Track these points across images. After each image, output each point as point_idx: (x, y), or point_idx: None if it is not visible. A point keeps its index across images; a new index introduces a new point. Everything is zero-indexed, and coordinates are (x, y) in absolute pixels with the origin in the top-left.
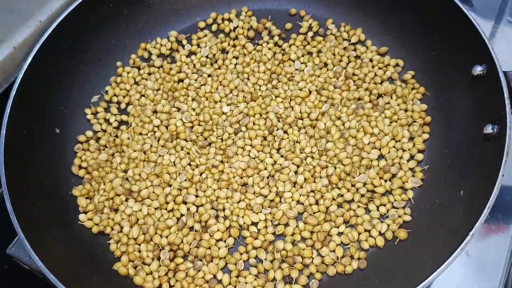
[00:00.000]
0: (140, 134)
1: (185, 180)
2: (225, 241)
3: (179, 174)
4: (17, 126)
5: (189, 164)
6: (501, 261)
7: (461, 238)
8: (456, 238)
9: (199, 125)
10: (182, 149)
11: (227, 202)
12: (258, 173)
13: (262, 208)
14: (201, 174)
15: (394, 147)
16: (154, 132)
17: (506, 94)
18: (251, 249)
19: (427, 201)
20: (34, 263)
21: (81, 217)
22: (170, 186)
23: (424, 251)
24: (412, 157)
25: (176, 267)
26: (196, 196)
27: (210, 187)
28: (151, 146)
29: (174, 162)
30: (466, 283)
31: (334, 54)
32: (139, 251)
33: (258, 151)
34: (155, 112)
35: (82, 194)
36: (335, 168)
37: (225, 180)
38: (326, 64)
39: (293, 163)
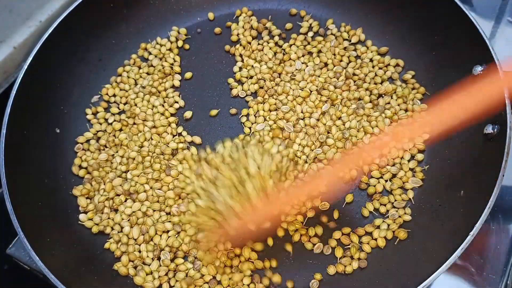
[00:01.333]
0: (138, 133)
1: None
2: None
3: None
4: (17, 126)
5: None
6: (501, 262)
7: (461, 238)
8: (456, 238)
9: None
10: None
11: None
12: None
13: None
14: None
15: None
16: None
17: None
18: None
19: (427, 201)
20: (34, 263)
21: (81, 217)
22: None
23: (424, 251)
24: (412, 157)
25: (176, 268)
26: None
27: None
28: (148, 151)
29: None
30: (466, 284)
31: (334, 54)
32: (139, 251)
33: None
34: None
35: (82, 194)
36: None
37: None
38: (326, 64)
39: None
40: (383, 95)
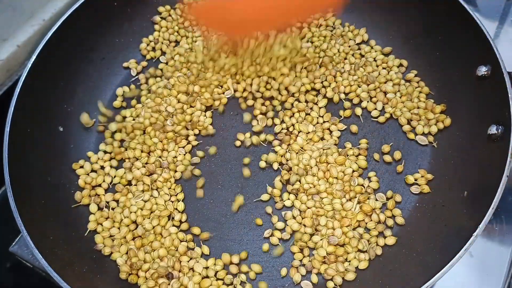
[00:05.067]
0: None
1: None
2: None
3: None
4: (20, 124)
5: None
6: (504, 262)
7: (465, 239)
8: (460, 239)
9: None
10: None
11: None
12: None
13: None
14: None
15: None
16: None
17: (510, 95)
18: None
19: (430, 201)
20: (37, 261)
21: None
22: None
23: (427, 252)
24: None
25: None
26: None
27: None
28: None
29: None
30: (469, 284)
31: (339, 51)
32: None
33: None
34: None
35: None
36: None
37: None
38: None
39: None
40: (386, 94)
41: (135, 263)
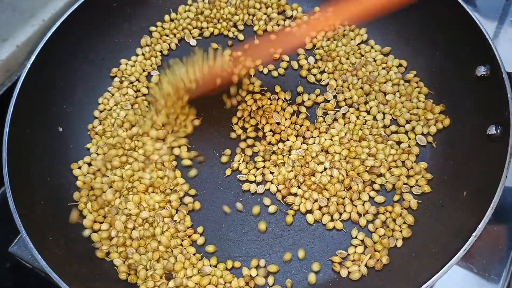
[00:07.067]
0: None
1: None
2: None
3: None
4: (20, 125)
5: None
6: (503, 263)
7: (464, 239)
8: (459, 239)
9: None
10: None
11: None
12: None
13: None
14: None
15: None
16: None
17: (509, 95)
18: None
19: (430, 201)
20: (36, 262)
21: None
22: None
23: (426, 252)
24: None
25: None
26: None
27: None
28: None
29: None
30: (469, 284)
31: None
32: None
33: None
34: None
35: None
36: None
37: None
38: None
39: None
40: (386, 93)
41: (133, 264)
